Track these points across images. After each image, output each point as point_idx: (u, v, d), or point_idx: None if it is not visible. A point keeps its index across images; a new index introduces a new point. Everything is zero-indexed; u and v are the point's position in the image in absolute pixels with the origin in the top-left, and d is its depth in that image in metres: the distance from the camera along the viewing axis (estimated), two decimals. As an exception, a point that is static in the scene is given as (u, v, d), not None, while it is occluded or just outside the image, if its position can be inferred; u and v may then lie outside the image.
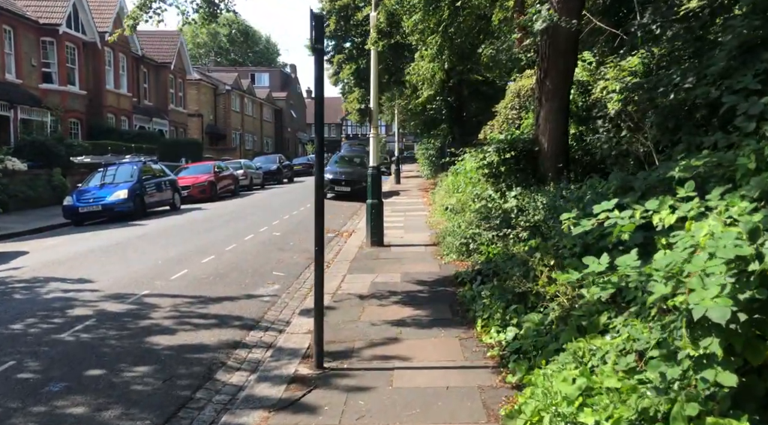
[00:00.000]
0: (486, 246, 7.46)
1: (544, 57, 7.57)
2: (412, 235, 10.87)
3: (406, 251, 9.05)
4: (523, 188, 7.92)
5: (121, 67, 25.76)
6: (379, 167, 9.74)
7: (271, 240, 10.61)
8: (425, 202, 17.66)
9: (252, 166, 26.26)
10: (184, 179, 18.96)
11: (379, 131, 9.51)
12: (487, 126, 16.37)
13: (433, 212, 14.26)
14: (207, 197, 18.76)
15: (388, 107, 38.38)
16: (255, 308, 6.18)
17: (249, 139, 44.10)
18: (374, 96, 9.54)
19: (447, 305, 5.92)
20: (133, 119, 26.79)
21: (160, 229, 12.03)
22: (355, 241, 10.51)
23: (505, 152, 8.19)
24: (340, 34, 22.14)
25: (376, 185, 9.58)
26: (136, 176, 14.21)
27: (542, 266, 4.79)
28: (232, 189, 21.39)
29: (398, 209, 15.58)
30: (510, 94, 15.61)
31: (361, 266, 8.08)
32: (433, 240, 9.92)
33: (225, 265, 8.33)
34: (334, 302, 6.20)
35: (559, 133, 7.80)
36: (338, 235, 11.70)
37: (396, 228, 11.86)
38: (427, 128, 29.50)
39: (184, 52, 32.75)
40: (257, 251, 9.51)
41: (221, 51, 60.20)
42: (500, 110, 15.82)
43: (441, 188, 16.90)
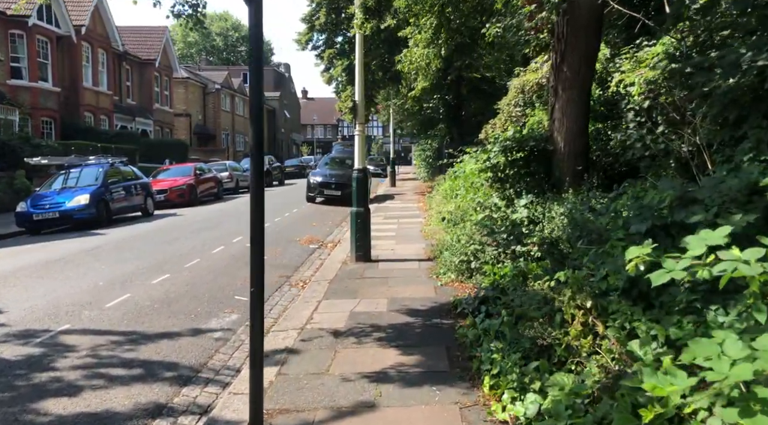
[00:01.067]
0: (491, 266, 6.15)
1: (561, 37, 6.27)
2: (405, 247, 9.55)
3: (396, 269, 7.73)
4: (535, 196, 6.62)
5: (100, 63, 24.41)
6: (366, 170, 8.43)
7: (243, 253, 9.27)
8: (421, 207, 16.35)
9: (238, 168, 24.91)
10: (161, 182, 17.62)
11: (365, 129, 8.18)
12: (488, 125, 15.09)
13: (428, 219, 12.96)
14: (186, 202, 17.41)
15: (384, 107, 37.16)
16: (198, 351, 4.85)
17: (240, 140, 42.73)
18: (360, 88, 8.24)
19: (443, 347, 4.59)
20: (114, 119, 25.43)
21: (119, 239, 10.68)
22: (339, 254, 9.18)
23: (513, 151, 6.89)
24: (330, 28, 20.86)
25: (362, 191, 8.27)
26: (101, 179, 12.86)
27: (574, 308, 3.47)
28: (215, 193, 20.04)
29: (391, 215, 14.26)
30: (513, 91, 14.34)
31: (341, 288, 6.75)
32: (428, 254, 8.60)
33: (179, 287, 7.00)
34: (301, 342, 4.87)
35: (578, 129, 6.50)
36: (322, 246, 10.37)
37: (387, 238, 10.54)
38: (424, 128, 28.22)
39: (170, 48, 31.41)
40: (222, 267, 8.17)
41: (213, 50, 58.84)
42: (502, 108, 14.55)
43: (438, 192, 15.60)
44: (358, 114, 8.19)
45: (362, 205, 8.26)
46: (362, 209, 8.23)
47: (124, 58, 27.27)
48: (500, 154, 6.75)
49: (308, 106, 69.03)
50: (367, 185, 8.45)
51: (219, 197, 20.27)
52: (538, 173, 6.86)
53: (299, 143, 59.05)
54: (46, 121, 20.92)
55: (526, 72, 14.29)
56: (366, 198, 8.40)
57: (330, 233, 11.99)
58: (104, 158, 13.82)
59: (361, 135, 8.31)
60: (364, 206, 8.29)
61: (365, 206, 8.29)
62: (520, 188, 6.70)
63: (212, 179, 20.00)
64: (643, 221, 3.76)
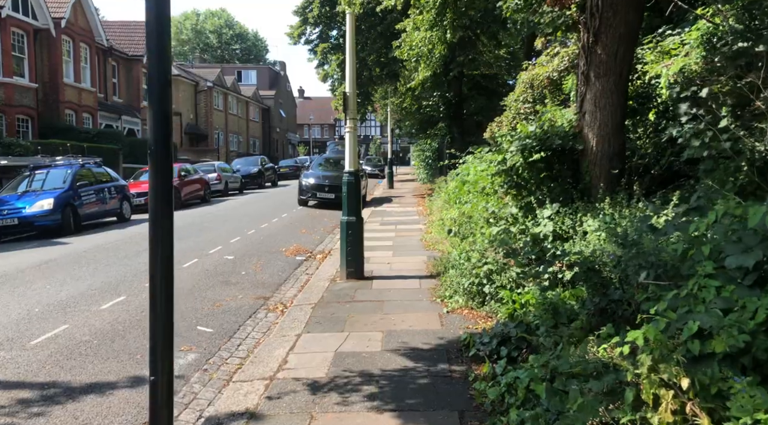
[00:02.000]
0: (509, 291, 5.01)
1: (595, 11, 5.13)
2: (404, 260, 8.40)
3: (393, 289, 6.57)
4: (561, 205, 5.46)
5: (83, 58, 23.19)
6: (358, 172, 7.28)
7: (218, 268, 8.11)
8: (420, 212, 15.20)
9: (228, 168, 23.73)
10: (141, 185, 16.41)
11: (358, 125, 7.02)
12: (494, 123, 13.95)
13: (430, 225, 11.81)
14: (169, 205, 16.19)
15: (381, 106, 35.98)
16: (133, 413, 3.69)
17: (233, 139, 41.52)
18: (350, 77, 7.08)
19: (456, 414, 3.44)
20: (98, 117, 24.21)
21: (81, 251, 9.49)
22: (328, 268, 8.02)
23: (533, 151, 5.74)
24: (324, 21, 19.70)
25: (354, 197, 7.11)
26: (69, 181, 11.66)
27: (660, 386, 2.32)
28: (202, 195, 18.85)
29: (388, 221, 13.10)
30: (522, 85, 13.20)
31: (327, 315, 5.60)
32: (430, 269, 7.45)
33: (131, 314, 5.83)
34: (268, 401, 3.72)
35: (614, 125, 5.37)
36: (310, 257, 9.22)
37: (383, 248, 9.39)
38: (423, 127, 27.07)
39: (159, 44, 30.14)
40: (189, 287, 7.00)
41: (207, 48, 57.58)
42: (509, 104, 13.41)
43: (439, 196, 14.46)
44: (349, 107, 7.03)
45: (354, 213, 7.10)
46: (354, 218, 7.07)
47: (110, 53, 26.06)
48: (518, 154, 5.60)
49: (305, 105, 67.82)
50: (360, 190, 7.31)
51: (206, 200, 19.09)
52: (562, 178, 5.70)
53: (295, 143, 57.84)
54: (22, 119, 19.71)
55: (535, 66, 13.16)
56: (358, 205, 7.24)
57: (320, 241, 10.83)
58: (74, 158, 12.62)
59: (352, 132, 7.15)
60: (357, 214, 7.13)
61: (357, 215, 7.14)
62: (542, 196, 5.55)
63: (198, 180, 18.81)
64: (747, 252, 2.62)
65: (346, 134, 7.21)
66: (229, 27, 58.59)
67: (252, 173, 25.65)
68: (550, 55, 12.92)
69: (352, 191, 7.12)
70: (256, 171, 25.95)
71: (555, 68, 12.44)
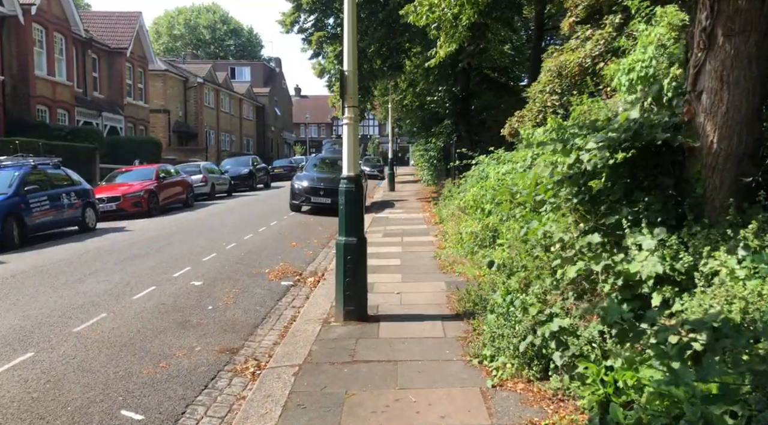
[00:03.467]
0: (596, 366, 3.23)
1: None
2: (416, 287, 6.61)
3: (408, 338, 4.78)
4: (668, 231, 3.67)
5: (57, 50, 21.33)
6: (360, 177, 5.48)
7: (178, 301, 6.30)
8: (428, 218, 13.42)
9: (215, 169, 21.88)
10: (113, 188, 14.60)
11: (357, 117, 5.20)
12: (514, 118, 12.17)
13: (442, 237, 10.03)
14: (144, 211, 14.39)
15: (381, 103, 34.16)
16: None
17: (226, 138, 39.63)
18: (350, 49, 5.29)
19: None
20: (75, 113, 22.35)
21: (11, 274, 7.63)
22: (321, 300, 6.23)
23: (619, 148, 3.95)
24: (320, 7, 17.90)
25: (354, 210, 5.31)
26: (15, 186, 9.82)
27: None
28: (184, 199, 17.02)
29: (392, 231, 11.31)
30: (548, 74, 11.42)
31: (314, 392, 3.80)
32: (453, 305, 5.68)
33: (32, 385, 4.02)
34: None
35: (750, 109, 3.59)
36: (299, 281, 7.43)
37: (389, 270, 7.60)
38: (426, 125, 25.25)
39: (145, 36, 28.31)
40: (133, 332, 5.19)
41: (201, 44, 55.60)
42: (533, 96, 11.64)
43: (450, 201, 12.67)
44: (348, 91, 5.24)
45: (354, 233, 5.31)
46: (354, 239, 5.28)
47: (90, 45, 24.17)
48: (596, 152, 3.80)
49: (301, 103, 65.93)
50: (362, 200, 5.52)
51: (189, 204, 17.26)
52: (662, 187, 3.91)
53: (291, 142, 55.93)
54: (-15, 114, 17.86)
55: (563, 51, 11.40)
56: (360, 222, 5.45)
57: (313, 258, 9.04)
58: (24, 158, 10.77)
59: (352, 124, 5.36)
60: (358, 234, 5.34)
61: (359, 235, 5.34)
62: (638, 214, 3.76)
63: (180, 183, 16.97)
64: None
65: (345, 128, 5.41)
66: (223, 22, 56.62)
67: (242, 174, 23.80)
68: (581, 38, 11.15)
69: (352, 202, 5.32)
70: (246, 172, 24.10)
71: (588, 54, 10.68)
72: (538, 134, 8.89)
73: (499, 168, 10.24)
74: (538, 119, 11.10)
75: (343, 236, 5.32)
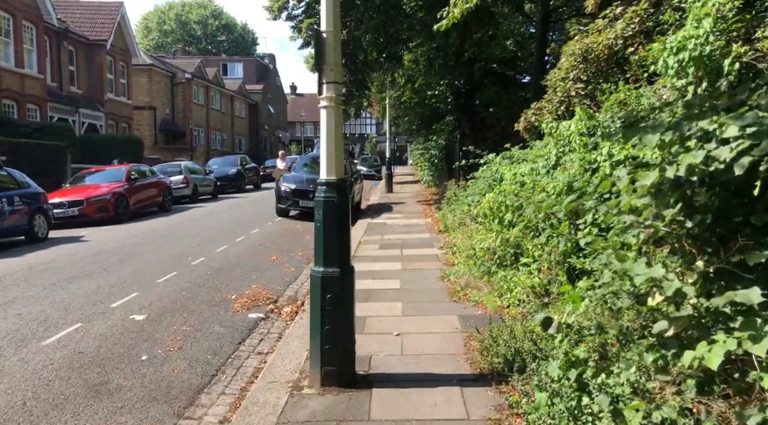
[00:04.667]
0: None
1: None
2: (422, 324, 5.05)
3: (414, 420, 3.22)
4: None
5: (27, 40, 19.69)
6: (344, 185, 3.91)
7: (102, 349, 4.71)
8: (430, 225, 11.87)
9: (198, 169, 20.27)
10: (75, 191, 13.01)
11: (340, 97, 3.58)
12: (530, 110, 10.59)
13: (448, 249, 8.48)
14: (112, 217, 12.80)
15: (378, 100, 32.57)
16: None
17: (216, 137, 37.97)
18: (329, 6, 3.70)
19: None
20: (48, 109, 20.71)
21: None
22: (294, 347, 4.66)
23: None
24: (311, -8, 16.31)
25: (337, 230, 3.75)
26: (-61, 190, 8.27)
27: None
28: (160, 202, 15.42)
29: (391, 242, 9.74)
30: (569, 60, 9.83)
31: None
32: (474, 357, 4.14)
33: None
34: None
35: None
36: (273, 312, 5.88)
37: (386, 296, 6.05)
38: (427, 122, 23.67)
39: (128, 28, 26.65)
40: (15, 408, 3.61)
41: (192, 40, 53.86)
42: (553, 84, 10.06)
43: (456, 205, 11.11)
44: (327, 60, 3.68)
45: (337, 261, 3.75)
46: (336, 270, 3.72)
47: (65, 36, 22.53)
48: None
49: (297, 101, 64.28)
50: (348, 214, 3.95)
51: (166, 208, 15.65)
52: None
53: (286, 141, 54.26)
54: (-59, 109, 16.22)
55: (588, 33, 9.85)
56: (345, 246, 3.88)
57: (295, 277, 7.47)
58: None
59: (333, 108, 3.79)
60: (342, 263, 3.77)
61: (343, 265, 3.78)
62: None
63: (155, 184, 15.37)
64: None
65: (323, 113, 3.84)
66: (215, 17, 54.88)
67: (229, 175, 22.19)
68: (609, 17, 9.60)
69: (333, 218, 3.77)
70: (234, 172, 22.48)
71: (619, 34, 9.13)
72: (563, 127, 7.36)
73: (515, 168, 8.68)
74: (559, 111, 9.55)
75: (321, 265, 3.76)
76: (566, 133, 7.22)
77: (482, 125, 18.66)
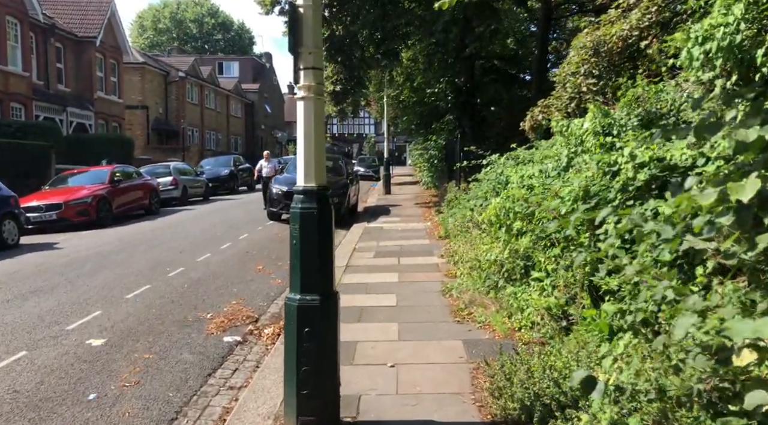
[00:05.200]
0: None
1: None
2: (420, 353, 4.36)
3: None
4: None
5: (11, 36, 18.98)
6: (326, 193, 3.23)
7: (44, 385, 4.01)
8: (430, 230, 11.18)
9: (189, 170, 19.55)
10: (54, 194, 12.30)
11: (320, 86, 2.86)
12: (537, 108, 9.91)
13: (450, 258, 7.79)
14: (93, 221, 12.09)
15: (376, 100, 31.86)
16: None
17: (211, 137, 37.24)
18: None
19: None
20: (34, 108, 19.99)
21: None
22: (270, 383, 3.95)
23: None
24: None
25: (316, 248, 3.05)
26: None
27: None
28: (146, 205, 14.71)
29: (387, 249, 9.05)
30: (579, 54, 9.18)
31: None
32: (485, 400, 3.45)
33: None
34: None
35: None
36: (252, 332, 5.19)
37: (380, 314, 5.36)
38: (426, 122, 22.97)
39: (118, 25, 25.92)
40: None
41: (187, 38, 53.09)
42: (562, 79, 9.40)
43: (457, 208, 10.42)
44: (304, 40, 3.00)
45: (316, 287, 3.05)
46: (316, 298, 3.02)
47: (53, 33, 21.80)
48: None
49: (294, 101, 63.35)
50: (330, 229, 3.24)
51: (153, 211, 14.94)
52: None
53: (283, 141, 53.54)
54: None
55: (600, 25, 9.16)
56: (327, 268, 3.17)
57: (282, 290, 6.77)
58: None
59: (312, 99, 3.10)
60: (322, 288, 3.07)
61: (324, 290, 3.08)
62: None
63: (141, 186, 14.66)
64: None
65: (300, 104, 3.14)
66: (211, 16, 54.09)
67: (222, 176, 21.47)
68: (623, 7, 8.92)
69: (313, 234, 3.08)
70: (226, 173, 21.76)
71: (634, 26, 8.47)
72: (575, 125, 6.67)
73: (522, 170, 7.98)
74: (569, 108, 8.87)
75: (297, 292, 3.07)
76: (579, 132, 6.54)
77: (483, 124, 17.98)
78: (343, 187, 13.16)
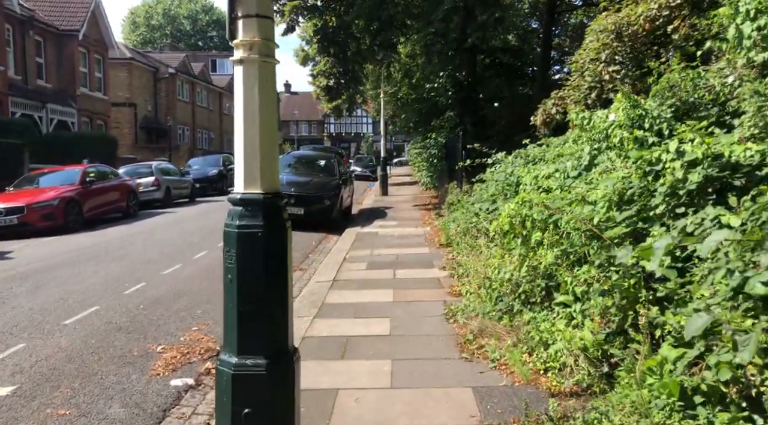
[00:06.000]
0: None
1: None
2: (419, 413, 3.30)
3: None
4: None
5: (-15, 27, 17.88)
6: (280, 202, 2.21)
7: None
8: (429, 236, 10.13)
9: (173, 170, 18.46)
10: (16, 197, 11.23)
11: (270, 45, 1.79)
12: (550, 100, 8.88)
13: (454, 272, 6.74)
14: (60, 226, 11.02)
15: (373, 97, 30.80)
16: None
17: (203, 136, 36.15)
18: None
19: None
20: (10, 104, 18.90)
21: None
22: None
23: None
24: (296, -29, 14.57)
25: (267, 283, 2.01)
26: None
27: None
28: (124, 207, 13.63)
29: (382, 260, 7.99)
30: (602, 36, 8.16)
31: None
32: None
33: None
34: None
35: None
36: (210, 372, 4.11)
37: (370, 348, 4.31)
38: (425, 119, 21.90)
39: (103, 18, 24.81)
40: None
41: (181, 35, 51.92)
42: (579, 67, 8.38)
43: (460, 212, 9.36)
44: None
45: (263, 345, 1.99)
46: (261, 362, 1.96)
47: (31, 25, 20.70)
48: None
49: (290, 100, 62.41)
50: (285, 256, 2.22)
51: (131, 214, 13.87)
52: None
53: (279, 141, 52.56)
54: None
55: (623, 5, 8.12)
56: (280, 315, 2.11)
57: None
58: None
59: (255, 63, 2.05)
60: (272, 346, 2.01)
61: (275, 348, 2.01)
62: None
63: (118, 187, 13.59)
64: None
65: (239, 70, 2.09)
66: (205, 12, 52.92)
67: (209, 176, 20.39)
68: (648, -18, 7.89)
69: (257, 264, 2.02)
70: (214, 173, 20.68)
71: (663, 4, 7.48)
72: (598, 118, 5.63)
73: (535, 170, 6.93)
74: (589, 99, 7.83)
75: (233, 353, 2.02)
76: (603, 125, 5.50)
77: (485, 120, 16.94)
78: (335, 188, 12.13)
